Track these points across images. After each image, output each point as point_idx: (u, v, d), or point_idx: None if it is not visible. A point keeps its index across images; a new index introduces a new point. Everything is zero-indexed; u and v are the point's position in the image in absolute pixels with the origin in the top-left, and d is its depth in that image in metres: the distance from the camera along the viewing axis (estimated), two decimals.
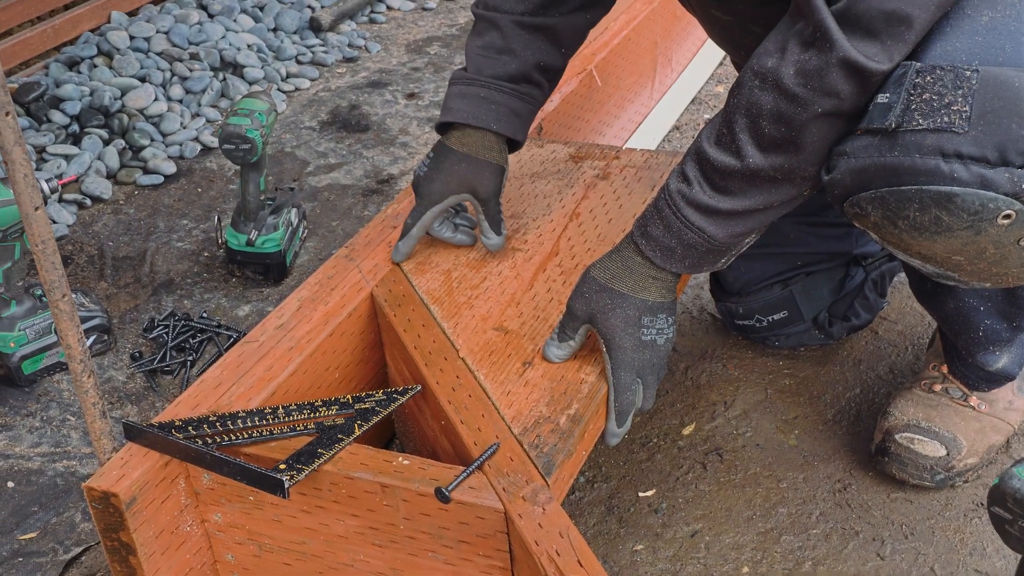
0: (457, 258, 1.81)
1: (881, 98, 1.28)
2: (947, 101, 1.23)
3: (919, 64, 1.26)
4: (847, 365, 2.02)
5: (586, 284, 1.53)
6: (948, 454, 1.70)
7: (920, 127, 1.23)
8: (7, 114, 1.23)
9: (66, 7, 3.46)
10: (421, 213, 1.76)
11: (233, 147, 2.25)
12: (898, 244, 1.33)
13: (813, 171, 1.37)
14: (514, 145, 1.83)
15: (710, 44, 3.09)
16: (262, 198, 2.36)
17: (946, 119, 1.22)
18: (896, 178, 1.26)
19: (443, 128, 1.80)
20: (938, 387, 1.76)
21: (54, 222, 2.60)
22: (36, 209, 1.27)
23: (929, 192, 1.24)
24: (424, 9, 4.03)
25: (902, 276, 2.15)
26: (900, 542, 1.66)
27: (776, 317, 1.99)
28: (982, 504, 1.71)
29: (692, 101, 3.15)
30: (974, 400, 1.74)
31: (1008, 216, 1.22)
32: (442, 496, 1.29)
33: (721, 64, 3.36)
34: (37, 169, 2.82)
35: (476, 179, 1.75)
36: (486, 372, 1.54)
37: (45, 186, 2.07)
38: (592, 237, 1.85)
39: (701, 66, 3.24)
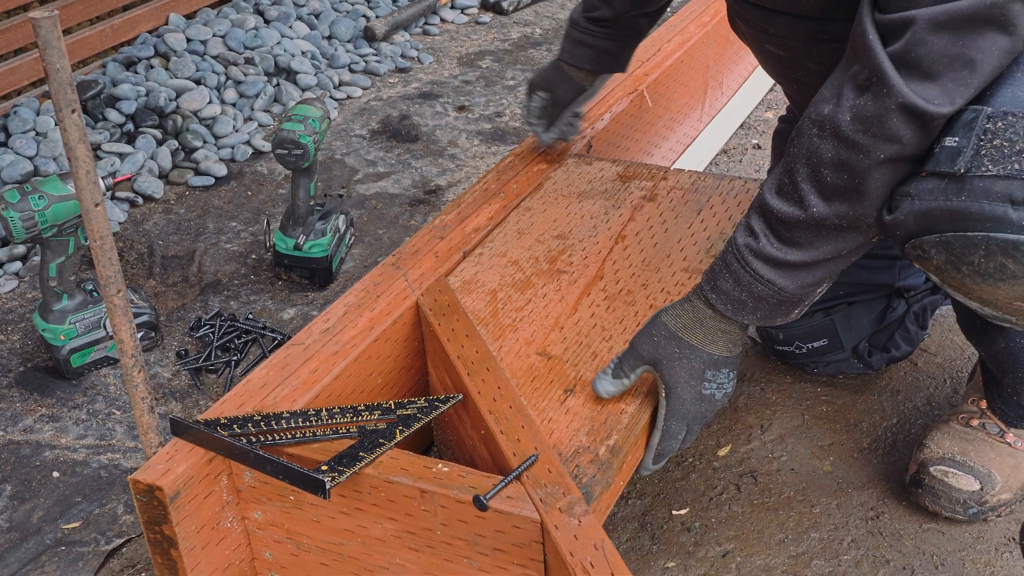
0: (503, 278, 1.84)
1: (949, 141, 1.27)
2: (1019, 148, 1.21)
3: (990, 109, 1.25)
4: (885, 395, 2.02)
5: (655, 328, 1.54)
6: (982, 488, 1.71)
7: (990, 173, 1.22)
8: (73, 111, 1.27)
9: (125, 8, 3.53)
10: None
11: (286, 152, 2.29)
12: (959, 288, 1.32)
13: (878, 217, 1.35)
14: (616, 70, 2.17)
15: (761, 70, 3.10)
16: (311, 204, 2.39)
17: (1016, 166, 1.21)
18: (962, 223, 1.25)
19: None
20: (975, 422, 1.77)
21: None
22: (96, 205, 1.31)
23: (996, 239, 1.23)
24: (478, 23, 4.07)
25: (943, 309, 2.17)
26: (930, 572, 1.67)
27: (816, 344, 2.00)
28: (1014, 539, 1.72)
29: (741, 126, 3.17)
30: (1010, 437, 1.75)
31: None
32: (480, 504, 1.32)
33: (771, 90, 3.37)
34: None
35: (558, 87, 2.14)
36: (527, 397, 1.56)
37: (101, 183, 2.11)
38: (637, 262, 1.87)
39: (751, 91, 3.26)
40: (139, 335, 2.19)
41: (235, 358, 2.18)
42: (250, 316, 2.31)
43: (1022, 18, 1.23)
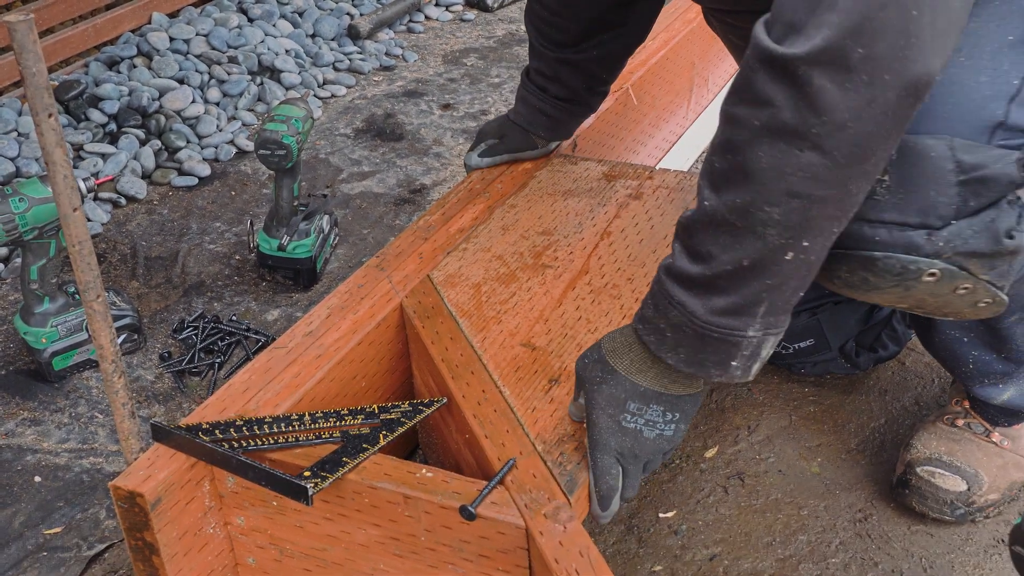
0: (487, 272, 1.83)
1: None
2: None
3: None
4: (873, 395, 2.02)
5: (592, 349, 1.43)
6: (969, 489, 1.70)
7: None
8: (50, 116, 1.25)
9: (107, 7, 3.50)
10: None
11: (269, 152, 2.28)
12: (845, 294, 1.39)
13: (775, 217, 1.22)
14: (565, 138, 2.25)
15: None
16: (295, 204, 2.38)
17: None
18: None
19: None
20: (961, 422, 1.76)
21: (89, 220, 2.63)
22: (74, 210, 1.29)
23: (855, 256, 1.32)
24: (462, 20, 4.05)
25: None
26: (919, 575, 1.66)
27: (803, 345, 1.99)
28: (1003, 541, 1.71)
29: None
30: (996, 436, 1.74)
31: (933, 274, 1.30)
32: (467, 514, 1.30)
33: None
34: (74, 167, 2.85)
35: (512, 138, 2.19)
36: (512, 388, 1.55)
37: (82, 185, 2.09)
38: (623, 257, 1.86)
39: None
40: (121, 337, 2.18)
41: (219, 360, 2.16)
42: (234, 318, 2.29)
43: None
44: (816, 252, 1.24)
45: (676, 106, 2.84)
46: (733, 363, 1.30)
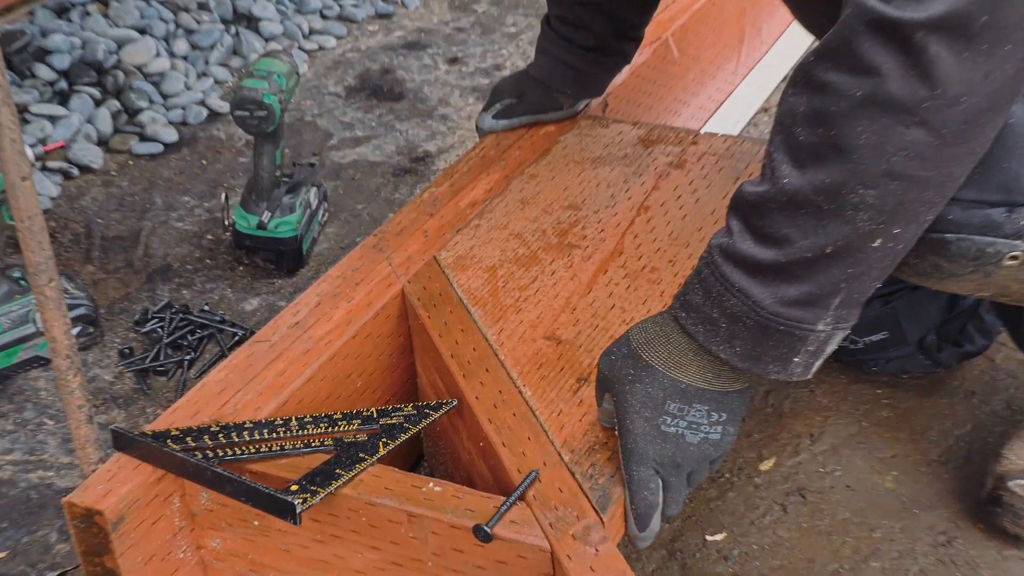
0: (504, 253, 1.83)
1: None
2: None
3: None
4: (957, 397, 2.02)
5: (618, 343, 1.44)
6: None
7: None
8: None
9: None
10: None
11: (247, 114, 2.28)
12: (917, 283, 1.40)
13: (868, 200, 1.23)
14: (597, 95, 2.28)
15: None
16: (277, 174, 2.38)
17: None
18: None
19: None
20: None
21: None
22: (23, 179, 1.30)
23: (924, 239, 1.31)
24: None
25: None
26: None
27: (875, 338, 1.99)
28: None
29: (784, 79, 3.15)
30: None
31: (1015, 257, 1.31)
32: (482, 535, 1.31)
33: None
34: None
35: (532, 96, 2.21)
36: (534, 388, 1.55)
37: (29, 152, 2.10)
38: (663, 235, 1.86)
39: (796, 39, 3.24)
40: (75, 331, 2.18)
41: (188, 357, 2.17)
42: (206, 307, 2.30)
43: None
44: (906, 240, 1.26)
45: (724, 59, 2.84)
46: (795, 359, 1.31)
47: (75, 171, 2.78)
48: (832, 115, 1.23)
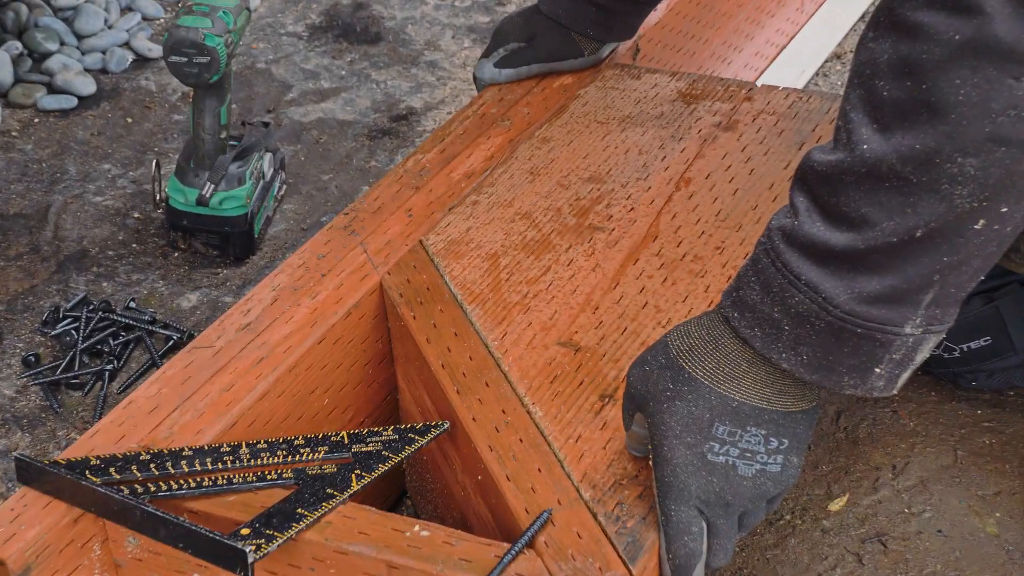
0: (509, 236, 1.84)
1: None
2: None
3: None
4: None
5: (654, 351, 1.42)
6: None
7: None
8: None
9: None
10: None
11: (184, 60, 2.28)
12: None
13: (968, 171, 1.22)
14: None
15: None
16: (222, 136, 2.39)
17: None
18: None
19: None
20: None
21: None
22: None
23: None
24: None
25: None
26: None
27: (974, 345, 1.99)
28: None
29: (862, 18, 3.16)
30: None
31: None
32: None
33: None
34: None
35: (545, 41, 2.22)
36: (546, 407, 1.56)
37: None
38: (708, 215, 1.86)
39: None
40: None
41: (110, 367, 2.18)
42: (132, 304, 2.31)
43: None
44: (1014, 222, 1.24)
45: None
46: (876, 370, 1.30)
47: None
48: (924, 65, 1.22)
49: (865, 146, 1.26)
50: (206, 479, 1.46)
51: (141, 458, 1.47)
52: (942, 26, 1.20)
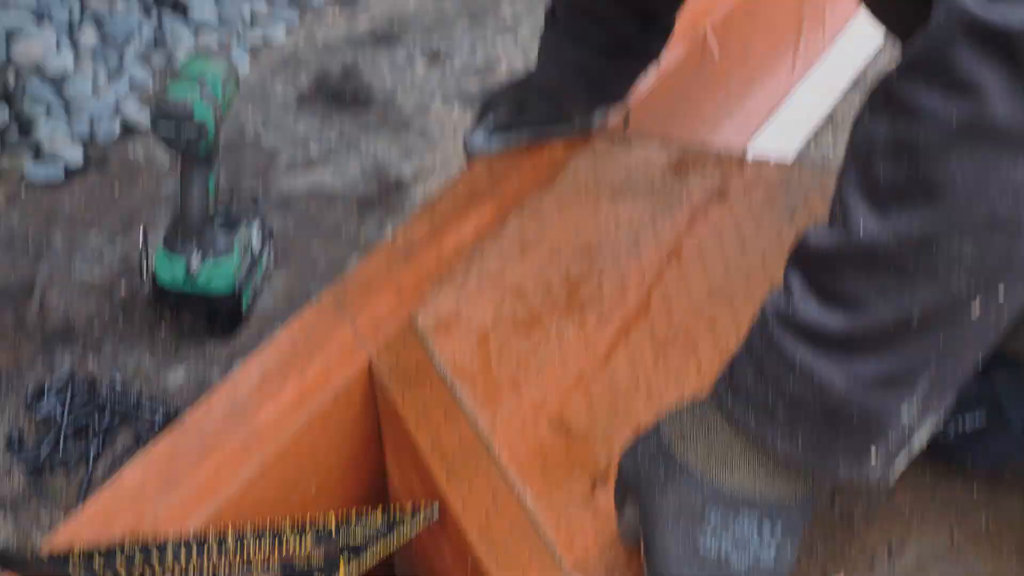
0: (499, 312, 1.83)
1: None
2: None
3: None
4: None
5: (646, 437, 1.41)
6: None
7: None
8: None
9: None
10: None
11: (173, 129, 2.28)
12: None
13: (967, 253, 1.23)
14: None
15: None
16: (210, 207, 2.38)
17: None
18: None
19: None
20: None
21: None
22: None
23: None
24: None
25: None
26: None
27: (969, 420, 1.98)
28: None
29: (854, 84, 3.16)
30: None
31: None
32: None
33: None
34: None
35: (533, 106, 2.20)
36: (537, 490, 1.55)
37: None
38: (700, 290, 1.86)
39: (867, 31, 3.25)
40: None
41: (95, 449, 2.17)
42: (118, 381, 2.30)
43: None
44: (1012, 306, 1.25)
45: (777, 57, 2.85)
46: (872, 454, 1.29)
47: None
48: (921, 146, 1.22)
49: (862, 228, 1.25)
50: (191, 570, 1.45)
51: (125, 550, 1.46)
52: (939, 107, 1.20)
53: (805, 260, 1.31)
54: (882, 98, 1.27)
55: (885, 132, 1.25)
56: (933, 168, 1.21)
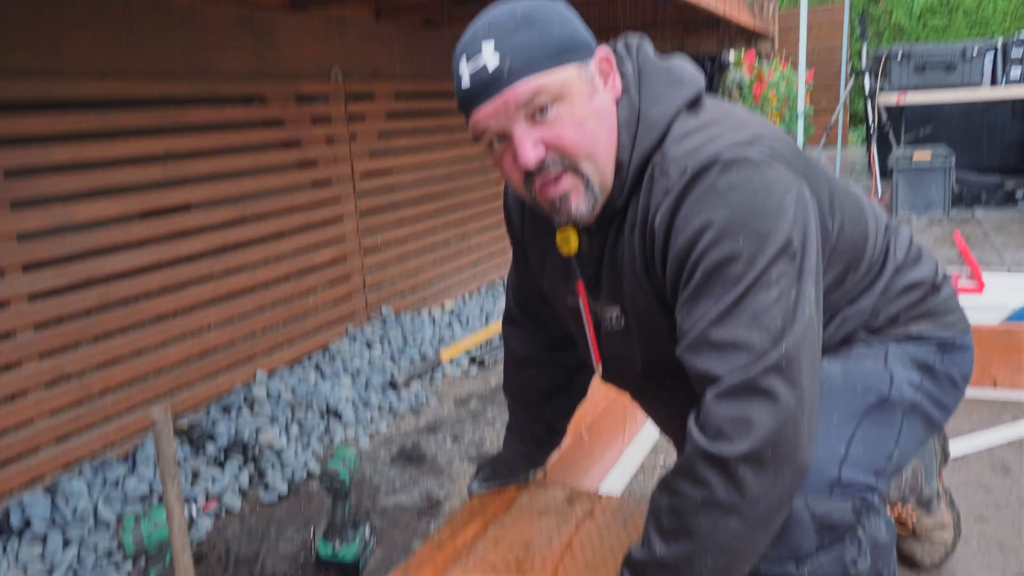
0: (466, 564, 1.72)
1: None
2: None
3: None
4: None
5: None
6: None
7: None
8: (173, 481, 1.21)
9: (228, 368, 3.52)
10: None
11: (328, 482, 2.21)
12: None
13: (709, 563, 1.19)
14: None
15: None
16: (346, 517, 2.28)
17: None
18: None
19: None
20: None
21: (195, 527, 2.52)
22: (182, 550, 1.22)
23: None
24: (467, 375, 4.07)
25: None
26: None
27: None
28: None
29: (652, 449, 3.11)
30: None
31: None
32: None
33: None
34: (191, 484, 2.77)
35: (509, 471, 2.11)
36: None
37: (194, 509, 2.02)
38: (581, 565, 1.76)
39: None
40: None
41: None
42: None
43: (781, 389, 1.14)
44: None
45: (614, 438, 2.80)
46: None
47: (223, 513, 2.67)
48: (683, 510, 1.19)
49: (656, 549, 1.22)
50: None
51: None
52: (691, 492, 1.19)
53: (630, 564, 1.27)
54: (664, 485, 1.24)
55: (666, 502, 1.23)
56: (688, 521, 1.19)
